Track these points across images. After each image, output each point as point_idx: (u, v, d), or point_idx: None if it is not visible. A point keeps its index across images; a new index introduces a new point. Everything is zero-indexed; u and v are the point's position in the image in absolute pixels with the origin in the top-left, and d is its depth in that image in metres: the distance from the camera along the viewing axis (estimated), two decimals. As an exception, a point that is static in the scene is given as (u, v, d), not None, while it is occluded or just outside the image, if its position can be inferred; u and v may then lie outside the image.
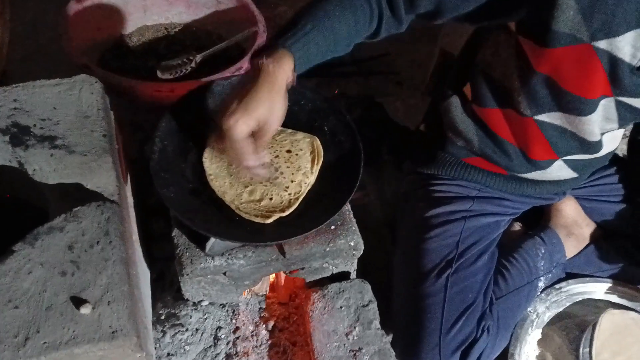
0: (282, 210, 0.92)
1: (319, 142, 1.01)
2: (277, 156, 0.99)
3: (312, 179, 0.97)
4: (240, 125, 0.78)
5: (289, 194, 0.94)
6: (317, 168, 0.98)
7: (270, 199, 0.94)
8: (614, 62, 0.89)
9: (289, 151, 1.00)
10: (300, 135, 1.02)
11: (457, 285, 1.08)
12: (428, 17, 0.92)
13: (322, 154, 1.00)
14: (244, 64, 1.32)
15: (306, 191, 0.95)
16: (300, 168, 0.98)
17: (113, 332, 0.69)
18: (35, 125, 0.88)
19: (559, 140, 1.06)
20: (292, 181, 0.96)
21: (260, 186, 0.95)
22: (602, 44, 0.88)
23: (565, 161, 1.11)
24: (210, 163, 0.97)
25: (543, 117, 1.03)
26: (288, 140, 1.01)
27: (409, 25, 0.93)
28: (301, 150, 1.00)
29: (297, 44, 0.82)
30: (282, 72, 0.81)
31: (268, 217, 0.91)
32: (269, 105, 0.80)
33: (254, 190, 0.94)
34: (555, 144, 1.07)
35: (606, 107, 0.99)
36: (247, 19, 1.46)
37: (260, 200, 0.93)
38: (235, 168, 0.94)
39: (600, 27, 0.86)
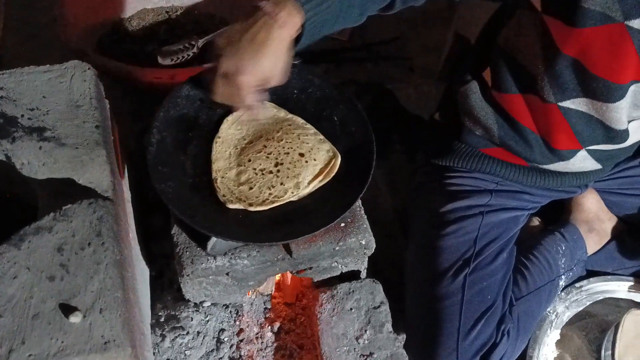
0: (250, 205, 0.87)
1: (337, 162, 0.92)
2: (287, 153, 0.92)
3: (302, 192, 0.90)
4: (249, 80, 0.78)
5: (270, 194, 0.88)
6: (315, 184, 0.91)
7: (250, 188, 0.89)
8: None
9: (302, 154, 0.93)
10: (326, 145, 0.94)
11: (475, 286, 1.03)
12: None
13: (332, 173, 0.92)
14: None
15: (287, 201, 0.89)
16: (298, 176, 0.91)
17: (105, 343, 0.65)
18: (22, 116, 0.83)
19: (583, 128, 1.01)
20: (281, 183, 0.90)
21: (251, 172, 0.90)
22: (636, 24, 0.83)
23: (589, 151, 1.06)
24: (228, 127, 0.94)
25: (568, 104, 0.97)
26: (310, 144, 0.94)
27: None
28: (314, 160, 0.92)
29: (312, 2, 0.77)
30: (292, 26, 0.78)
31: (232, 202, 0.87)
32: (275, 61, 0.79)
33: (242, 172, 0.90)
34: (580, 133, 1.01)
35: (636, 93, 0.94)
36: (252, 1, 1.40)
37: (241, 184, 0.89)
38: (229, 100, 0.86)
39: (636, 4, 0.81)
